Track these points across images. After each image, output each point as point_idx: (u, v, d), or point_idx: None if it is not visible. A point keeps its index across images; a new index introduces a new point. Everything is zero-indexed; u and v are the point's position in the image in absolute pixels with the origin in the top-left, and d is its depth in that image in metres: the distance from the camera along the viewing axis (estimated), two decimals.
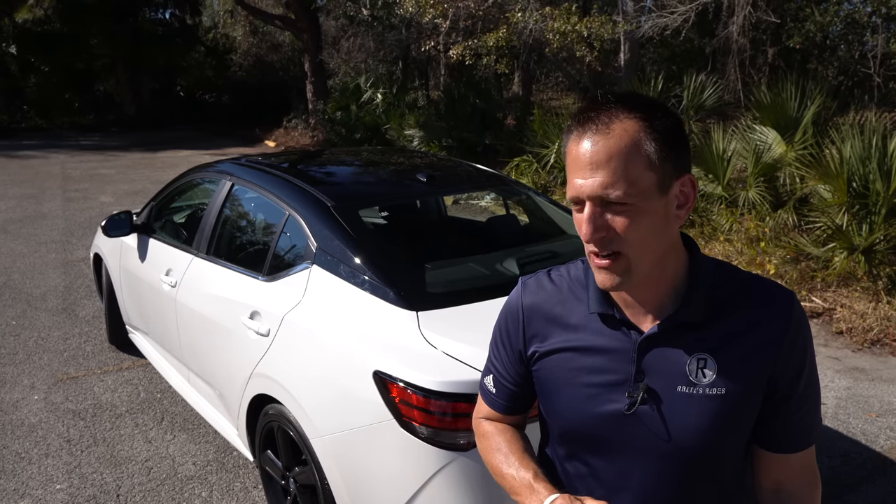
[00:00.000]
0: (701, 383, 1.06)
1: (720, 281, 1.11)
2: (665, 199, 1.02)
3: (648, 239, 1.02)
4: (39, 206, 9.58)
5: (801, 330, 1.10)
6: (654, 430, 1.09)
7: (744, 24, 9.79)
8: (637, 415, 1.09)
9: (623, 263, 1.02)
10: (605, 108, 1.01)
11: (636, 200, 0.99)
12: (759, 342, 1.07)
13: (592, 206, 1.00)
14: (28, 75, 24.18)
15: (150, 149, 16.96)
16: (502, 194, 3.60)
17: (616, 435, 1.11)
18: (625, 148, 0.98)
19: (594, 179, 0.99)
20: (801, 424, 1.14)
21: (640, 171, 0.98)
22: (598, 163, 0.98)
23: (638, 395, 1.08)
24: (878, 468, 3.17)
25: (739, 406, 1.08)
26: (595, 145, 0.99)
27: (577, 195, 1.02)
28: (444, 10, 9.91)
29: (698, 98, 8.15)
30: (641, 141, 0.99)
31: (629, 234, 1.00)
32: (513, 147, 10.74)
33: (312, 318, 2.36)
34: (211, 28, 28.52)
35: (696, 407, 1.07)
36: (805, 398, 1.13)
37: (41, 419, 3.65)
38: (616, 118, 0.99)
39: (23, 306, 5.40)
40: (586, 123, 1.01)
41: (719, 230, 6.44)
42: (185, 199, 4.00)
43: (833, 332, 4.75)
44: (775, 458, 1.15)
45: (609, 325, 1.12)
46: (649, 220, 1.00)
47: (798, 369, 1.10)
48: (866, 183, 5.44)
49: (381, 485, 2.09)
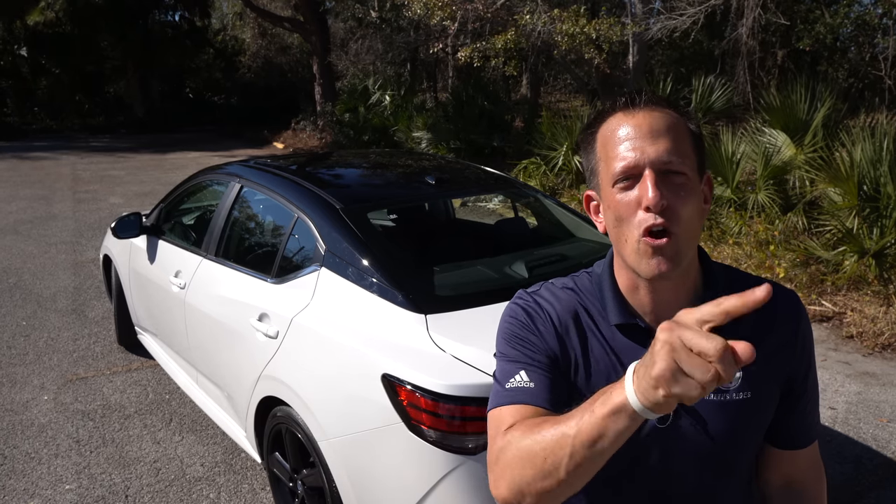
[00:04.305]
0: (728, 389, 1.06)
1: (731, 284, 1.09)
2: (700, 188, 1.03)
3: (694, 221, 0.99)
4: (50, 207, 9.64)
5: (808, 328, 1.14)
6: (690, 441, 1.06)
7: (753, 26, 9.75)
8: (674, 428, 1.05)
9: (673, 245, 0.97)
10: (646, 94, 1.03)
11: (692, 177, 0.99)
12: (777, 343, 1.09)
13: (654, 174, 0.96)
14: (39, 77, 24.40)
15: (159, 150, 17.05)
16: (510, 197, 3.60)
17: (647, 449, 1.06)
18: (678, 125, 1.01)
19: (657, 147, 0.97)
20: (808, 420, 1.17)
21: (689, 149, 1.01)
22: (659, 131, 0.98)
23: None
24: (890, 474, 3.14)
25: (764, 408, 1.10)
26: (652, 118, 0.99)
27: (635, 163, 0.97)
28: (452, 12, 9.92)
29: (707, 100, 8.12)
30: (683, 126, 1.02)
31: (684, 210, 0.97)
32: (521, 149, 10.74)
33: (321, 320, 2.37)
34: (220, 30, 28.65)
35: (727, 413, 1.06)
36: (812, 395, 1.16)
37: (51, 419, 3.66)
38: (659, 106, 1.02)
39: (33, 307, 5.43)
40: (632, 106, 1.02)
41: (728, 233, 6.41)
42: (194, 200, 4.02)
43: (843, 337, 4.71)
44: (786, 454, 1.17)
45: (631, 336, 1.06)
46: (696, 200, 1.00)
47: (807, 367, 1.14)
48: (877, 186, 5.41)
49: (389, 488, 2.09)
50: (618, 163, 0.99)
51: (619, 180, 0.99)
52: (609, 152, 1.01)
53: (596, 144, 1.05)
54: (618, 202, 0.99)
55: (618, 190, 1.00)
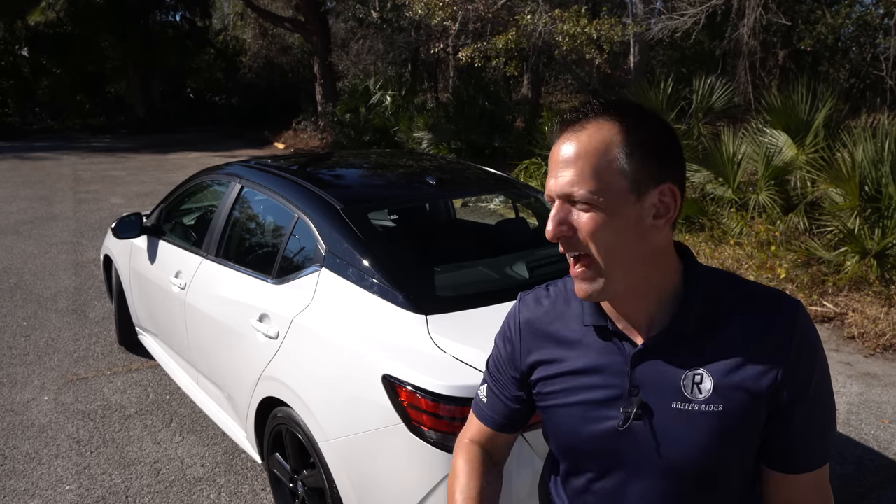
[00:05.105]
0: (696, 399, 1.03)
1: (719, 291, 1.07)
2: (639, 206, 0.99)
3: (617, 245, 0.99)
4: (50, 208, 9.65)
5: (807, 342, 1.03)
6: (648, 446, 1.06)
7: (754, 27, 9.74)
8: (631, 431, 1.06)
9: (594, 270, 1.01)
10: (585, 110, 1.02)
11: (603, 202, 0.97)
12: (761, 355, 1.02)
13: (559, 204, 1.01)
14: (40, 77, 24.42)
15: (160, 150, 17.06)
16: (511, 197, 3.59)
17: (612, 451, 1.09)
18: (594, 147, 0.98)
19: (562, 178, 1.00)
20: (808, 444, 1.06)
21: (610, 174, 0.97)
22: (567, 161, 0.99)
23: (631, 410, 1.05)
24: (892, 475, 3.13)
25: (738, 422, 1.03)
26: (567, 145, 1.00)
27: (547, 194, 1.03)
28: (453, 12, 9.92)
29: (708, 101, 8.10)
30: (613, 143, 0.98)
31: (595, 237, 0.99)
32: (522, 150, 10.74)
33: (321, 321, 2.36)
34: (221, 30, 28.66)
35: (691, 424, 1.03)
36: (813, 416, 1.05)
37: (51, 420, 3.66)
38: (592, 119, 1.00)
39: (34, 307, 5.43)
40: (566, 126, 1.02)
41: (729, 234, 6.40)
42: (194, 201, 4.02)
43: (845, 337, 4.71)
44: (782, 477, 1.08)
45: (604, 337, 1.10)
46: (618, 224, 0.98)
47: (804, 384, 1.03)
48: (879, 186, 5.40)
49: (390, 489, 2.08)
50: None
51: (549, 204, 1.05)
52: None
53: None
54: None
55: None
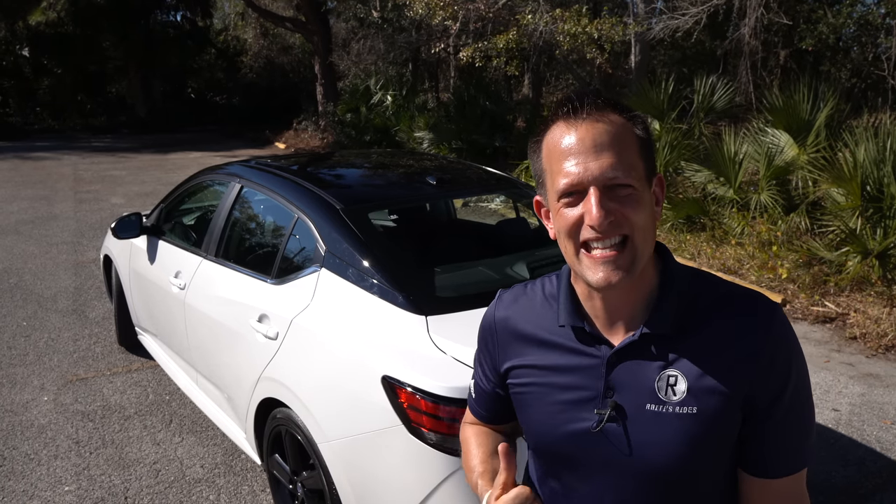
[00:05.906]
0: (670, 401, 1.02)
1: (697, 291, 1.06)
2: (650, 193, 1.02)
3: (649, 227, 1.00)
4: (51, 208, 9.64)
5: (783, 345, 1.02)
6: (621, 448, 1.05)
7: (755, 26, 9.73)
8: (604, 433, 1.06)
9: (630, 253, 0.98)
10: (589, 100, 1.00)
11: (639, 186, 0.98)
12: (736, 357, 1.01)
13: (598, 190, 0.96)
14: (41, 77, 24.42)
15: (160, 150, 17.06)
16: (512, 197, 3.58)
17: (586, 453, 1.08)
18: (622, 134, 0.98)
19: (599, 162, 0.96)
20: (784, 448, 1.04)
21: (635, 158, 0.99)
22: (602, 145, 0.96)
23: (605, 412, 1.05)
24: (895, 476, 3.12)
25: (713, 425, 1.02)
26: (595, 131, 0.97)
27: (578, 181, 0.97)
28: (454, 12, 9.91)
29: (709, 100, 8.09)
30: (631, 133, 1.00)
31: (637, 217, 0.97)
32: (523, 149, 10.71)
33: (321, 321, 2.35)
34: (222, 30, 28.67)
35: (664, 426, 1.02)
36: (789, 420, 1.03)
37: (50, 420, 3.65)
38: (605, 110, 0.99)
39: (34, 307, 5.43)
40: (576, 114, 0.99)
41: (731, 233, 6.39)
42: (194, 201, 4.01)
43: (846, 338, 4.69)
44: (757, 482, 1.07)
45: (580, 339, 1.09)
46: (647, 207, 0.99)
47: (779, 388, 1.01)
48: (880, 186, 5.39)
49: (389, 490, 2.07)
50: (562, 179, 0.98)
51: (564, 196, 0.99)
52: (553, 166, 1.01)
53: (542, 154, 1.04)
54: (564, 217, 1.00)
55: (563, 205, 1.00)
